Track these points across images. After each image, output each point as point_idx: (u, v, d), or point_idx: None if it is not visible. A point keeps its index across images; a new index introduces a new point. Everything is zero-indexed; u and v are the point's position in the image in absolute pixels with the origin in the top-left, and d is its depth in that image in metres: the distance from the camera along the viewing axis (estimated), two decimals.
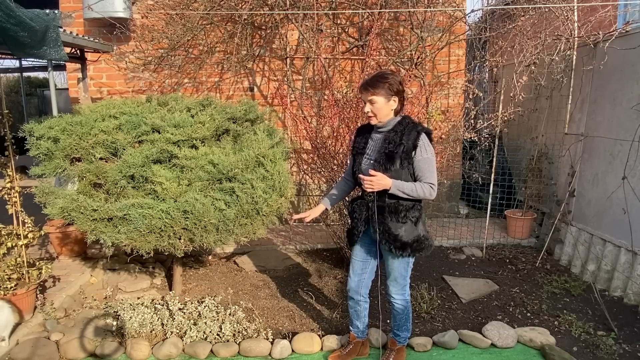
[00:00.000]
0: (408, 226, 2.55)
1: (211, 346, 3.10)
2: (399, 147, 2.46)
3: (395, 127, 2.52)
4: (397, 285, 2.73)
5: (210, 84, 5.91)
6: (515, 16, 5.16)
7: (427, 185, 2.47)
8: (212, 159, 3.20)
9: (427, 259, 4.70)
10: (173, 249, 3.17)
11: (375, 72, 2.57)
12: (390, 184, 2.44)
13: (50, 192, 3.24)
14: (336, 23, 5.76)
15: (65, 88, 7.51)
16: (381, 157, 2.50)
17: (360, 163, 2.63)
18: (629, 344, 3.15)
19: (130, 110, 3.51)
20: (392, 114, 2.53)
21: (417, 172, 2.49)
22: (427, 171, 2.48)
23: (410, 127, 2.49)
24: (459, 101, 6.00)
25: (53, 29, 3.05)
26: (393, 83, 2.45)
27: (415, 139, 2.45)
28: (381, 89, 2.45)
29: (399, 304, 2.78)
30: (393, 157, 2.46)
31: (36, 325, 3.32)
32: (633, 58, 3.90)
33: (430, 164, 2.48)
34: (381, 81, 2.45)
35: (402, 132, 2.48)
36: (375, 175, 2.43)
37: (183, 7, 5.36)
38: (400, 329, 2.89)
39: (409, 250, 2.57)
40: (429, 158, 2.48)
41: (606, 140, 4.23)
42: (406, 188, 2.46)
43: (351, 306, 2.92)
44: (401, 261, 2.64)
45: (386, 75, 2.47)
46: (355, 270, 2.82)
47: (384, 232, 2.57)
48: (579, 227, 4.52)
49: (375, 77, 2.49)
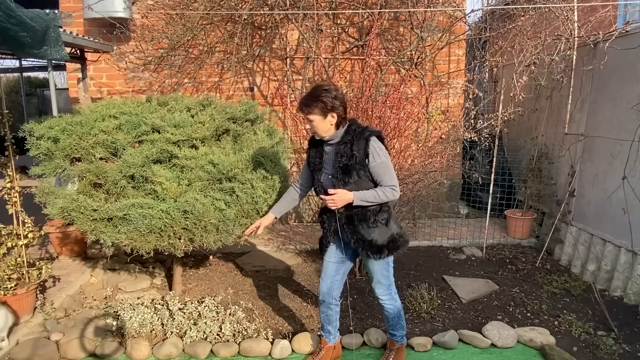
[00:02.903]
0: (380, 229, 2.56)
1: (211, 346, 3.10)
2: (352, 159, 2.44)
3: (344, 138, 2.49)
4: (382, 286, 2.74)
5: (210, 84, 5.91)
6: (515, 16, 5.16)
7: (388, 188, 2.47)
8: (212, 159, 3.20)
9: (427, 259, 4.70)
10: (173, 249, 3.17)
11: (311, 88, 2.50)
12: (352, 198, 2.45)
13: (50, 192, 3.24)
14: (336, 23, 5.76)
15: (65, 88, 7.51)
16: (337, 172, 2.48)
17: (319, 179, 2.60)
18: (629, 344, 3.15)
19: (130, 110, 3.51)
20: (333, 129, 2.48)
21: (375, 178, 2.49)
22: (384, 174, 2.47)
23: (358, 134, 2.47)
24: (459, 101, 6.00)
25: (53, 29, 3.04)
26: (326, 101, 2.38)
27: (365, 147, 2.43)
28: (315, 107, 2.40)
29: (388, 304, 2.78)
30: (349, 170, 2.45)
31: (36, 325, 3.31)
32: (633, 58, 3.90)
33: (386, 167, 2.47)
34: (314, 101, 2.40)
35: (351, 142, 2.46)
36: (336, 192, 2.44)
37: (183, 7, 5.36)
38: (394, 328, 2.89)
39: (385, 252, 2.58)
40: (383, 162, 2.46)
41: (606, 140, 4.23)
42: (369, 197, 2.46)
43: (322, 311, 2.88)
44: (381, 263, 2.65)
45: (318, 94, 2.40)
46: (328, 272, 2.79)
47: (358, 240, 2.58)
48: (579, 227, 4.52)
49: (309, 97, 2.44)
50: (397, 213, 4.25)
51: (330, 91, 2.41)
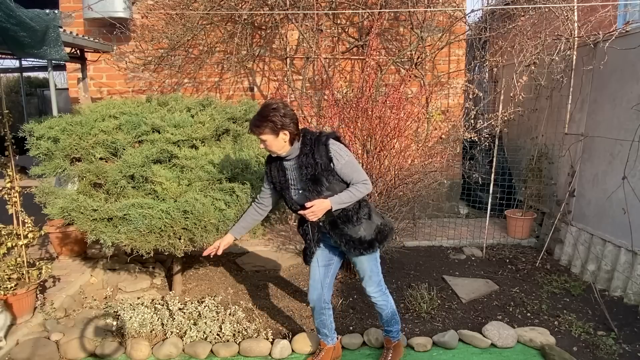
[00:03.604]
0: (365, 224, 2.58)
1: (211, 346, 3.10)
2: (317, 167, 2.43)
3: (302, 150, 2.47)
4: (372, 283, 2.74)
5: (210, 84, 5.91)
6: (515, 16, 5.16)
7: (360, 184, 2.49)
8: (212, 159, 3.20)
9: (427, 259, 4.70)
10: (173, 249, 3.17)
11: (260, 108, 2.46)
12: (330, 205, 2.46)
13: (50, 192, 3.24)
14: (336, 23, 5.76)
15: (65, 88, 7.51)
16: (307, 184, 2.47)
17: (291, 197, 2.58)
18: (629, 344, 3.15)
19: (130, 110, 3.51)
20: (287, 145, 2.46)
21: (345, 178, 2.49)
22: (353, 172, 2.48)
23: (316, 142, 2.46)
24: (459, 101, 6.00)
25: (53, 29, 3.04)
26: (275, 121, 2.35)
27: (327, 152, 2.43)
28: (265, 128, 2.38)
29: (380, 301, 2.78)
30: (318, 179, 2.44)
31: (36, 325, 3.31)
32: (633, 58, 3.90)
33: (352, 165, 2.48)
34: (263, 121, 2.37)
35: (311, 152, 2.45)
36: (313, 204, 2.44)
37: (183, 7, 5.36)
38: (389, 324, 2.89)
39: (376, 244, 2.60)
40: (348, 161, 2.47)
41: (606, 140, 4.23)
42: (345, 198, 2.47)
43: (316, 317, 2.85)
44: (370, 258, 2.66)
45: (266, 114, 2.37)
46: (316, 278, 2.75)
47: (348, 242, 2.58)
48: (579, 227, 4.52)
49: (258, 117, 2.40)
50: (397, 213, 4.25)
51: (279, 109, 2.38)
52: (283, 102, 2.48)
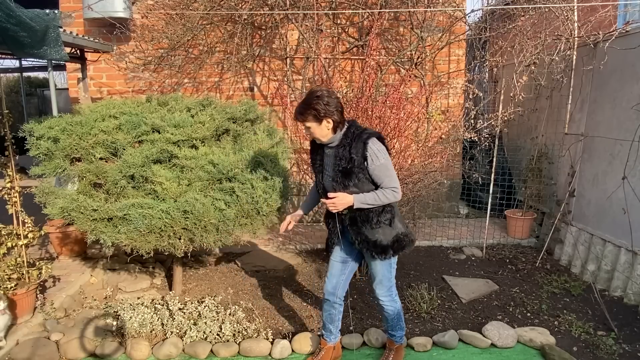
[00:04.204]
0: (383, 229, 2.56)
1: (211, 346, 3.10)
2: (351, 162, 2.43)
3: (342, 141, 2.48)
4: (383, 287, 2.73)
5: (210, 84, 5.91)
6: (515, 16, 5.16)
7: (388, 190, 2.46)
8: (212, 159, 3.20)
9: (427, 259, 4.70)
10: (173, 249, 3.17)
11: (305, 95, 2.49)
12: (352, 201, 2.45)
13: (50, 192, 3.24)
14: (336, 23, 5.76)
15: (65, 88, 7.51)
16: (337, 175, 2.48)
17: (322, 181, 2.62)
18: (629, 344, 3.15)
19: (130, 110, 3.51)
20: (330, 133, 2.47)
21: (375, 180, 2.48)
22: (385, 177, 2.46)
23: (357, 138, 2.46)
24: (459, 101, 6.00)
25: (53, 29, 3.04)
26: (319, 109, 2.37)
27: (364, 150, 2.42)
28: (308, 115, 2.40)
29: (388, 305, 2.78)
30: (348, 174, 2.45)
31: (36, 325, 3.31)
32: (633, 58, 3.90)
33: (386, 169, 2.46)
34: (307, 109, 2.40)
35: (350, 145, 2.45)
36: (336, 196, 2.44)
37: (183, 7, 5.36)
38: (394, 329, 2.89)
39: (390, 252, 2.57)
40: (383, 164, 2.45)
41: (606, 140, 4.23)
42: (369, 199, 2.46)
43: (326, 309, 2.87)
44: (384, 264, 2.64)
45: (310, 102, 2.39)
46: (333, 272, 2.79)
47: (362, 241, 2.58)
48: (579, 227, 4.52)
49: (302, 105, 2.43)
50: None
51: (322, 97, 2.39)
52: (328, 90, 2.48)
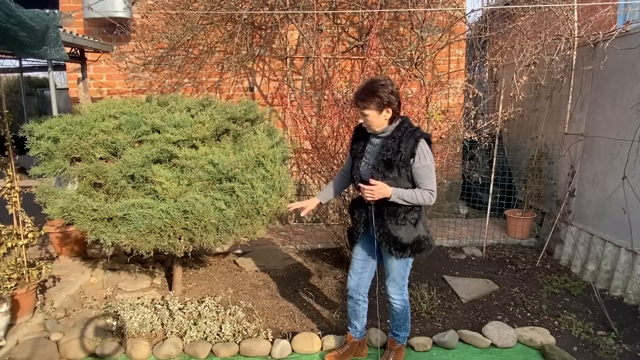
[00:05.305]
0: (407, 227, 2.55)
1: (211, 346, 3.10)
2: (397, 155, 2.43)
3: (393, 134, 2.49)
4: (395, 285, 2.73)
5: (210, 84, 5.91)
6: (515, 16, 5.16)
7: (426, 192, 2.46)
8: (212, 158, 3.20)
9: (427, 259, 4.70)
10: (173, 249, 3.17)
11: (366, 82, 2.49)
12: (390, 193, 2.43)
13: (50, 192, 3.24)
14: (336, 23, 5.76)
15: (65, 88, 7.51)
16: (379, 164, 2.48)
17: (358, 167, 2.61)
18: (629, 344, 3.15)
19: (130, 110, 3.51)
20: (386, 123, 2.49)
21: (416, 179, 2.48)
22: (426, 178, 2.46)
23: (409, 133, 2.46)
24: (459, 101, 6.00)
25: (53, 29, 3.04)
26: (383, 96, 2.38)
27: (414, 147, 2.43)
28: (371, 103, 2.40)
29: (397, 304, 2.78)
30: (391, 165, 2.44)
31: (36, 325, 3.31)
32: (633, 58, 3.90)
33: (429, 171, 2.47)
34: (370, 96, 2.40)
35: (400, 139, 2.45)
36: (376, 184, 2.42)
37: (183, 7, 5.36)
38: (399, 329, 2.90)
39: (409, 251, 2.57)
40: (428, 165, 2.46)
41: (606, 140, 4.23)
42: (406, 196, 2.45)
43: (350, 306, 2.91)
44: (400, 262, 2.64)
45: (375, 89, 2.40)
46: (355, 269, 2.82)
47: (383, 235, 2.58)
48: (579, 227, 4.52)
49: (365, 91, 2.43)
50: None
51: (387, 86, 2.41)
52: (390, 80, 2.48)
